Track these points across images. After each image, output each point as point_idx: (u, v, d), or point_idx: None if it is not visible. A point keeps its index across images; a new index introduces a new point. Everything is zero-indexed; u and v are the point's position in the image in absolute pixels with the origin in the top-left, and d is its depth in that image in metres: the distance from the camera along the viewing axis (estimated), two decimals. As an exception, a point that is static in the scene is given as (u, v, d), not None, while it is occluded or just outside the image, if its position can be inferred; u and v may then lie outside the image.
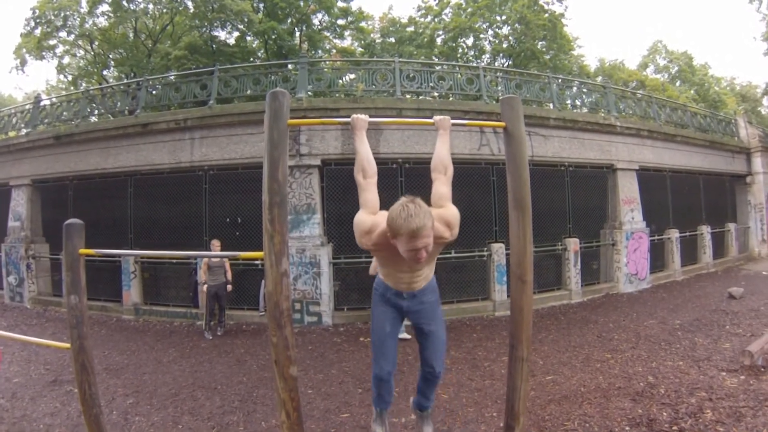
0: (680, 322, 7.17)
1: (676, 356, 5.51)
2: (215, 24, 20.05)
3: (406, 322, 7.98)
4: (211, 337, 7.26)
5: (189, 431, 4.02)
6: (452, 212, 2.34)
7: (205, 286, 7.40)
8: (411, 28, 25.31)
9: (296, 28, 22.46)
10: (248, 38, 21.85)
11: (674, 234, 11.71)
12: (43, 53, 20.37)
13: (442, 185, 2.44)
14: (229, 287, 7.59)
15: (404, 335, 7.38)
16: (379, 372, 2.59)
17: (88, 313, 2.56)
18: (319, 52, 23.32)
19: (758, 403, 3.93)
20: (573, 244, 9.63)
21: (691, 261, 12.46)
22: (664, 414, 3.88)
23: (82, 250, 2.46)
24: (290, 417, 2.17)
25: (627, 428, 3.70)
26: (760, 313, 7.47)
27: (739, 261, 13.85)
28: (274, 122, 2.18)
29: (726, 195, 14.64)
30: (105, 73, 22.46)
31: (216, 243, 7.60)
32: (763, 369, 4.73)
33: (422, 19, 25.10)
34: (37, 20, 19.09)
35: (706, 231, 12.77)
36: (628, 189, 10.72)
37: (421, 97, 10.01)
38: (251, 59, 20.94)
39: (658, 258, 11.53)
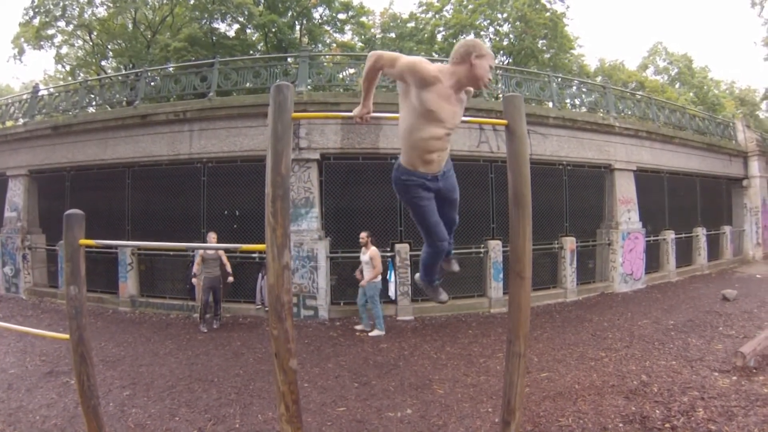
0: (674, 323, 7.24)
1: (670, 356, 5.57)
2: (215, 16, 19.93)
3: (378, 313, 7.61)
4: (206, 330, 7.25)
5: (186, 423, 4.03)
6: None
7: (197, 279, 7.37)
8: (412, 24, 25.22)
9: (297, 22, 22.36)
10: (248, 31, 21.74)
11: (670, 235, 11.80)
12: (42, 43, 20.19)
13: None
14: (231, 279, 7.55)
15: (362, 327, 7.38)
16: (440, 247, 2.55)
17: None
18: (320, 46, 23.22)
19: (750, 403, 3.98)
20: (569, 242, 9.69)
21: (686, 262, 12.57)
22: (657, 412, 3.93)
23: (82, 241, 2.46)
24: (289, 409, 2.18)
25: (620, 425, 3.75)
26: (752, 315, 7.55)
27: (734, 263, 13.96)
28: (278, 115, 2.18)
29: (722, 198, 14.75)
30: (104, 63, 22.30)
31: (213, 235, 7.57)
32: (755, 370, 4.79)
33: (423, 15, 25.01)
34: (36, 9, 18.92)
35: (701, 233, 12.87)
36: (625, 189, 10.78)
37: (421, 93, 9.98)
38: (251, 52, 20.83)
39: (653, 259, 11.61)
